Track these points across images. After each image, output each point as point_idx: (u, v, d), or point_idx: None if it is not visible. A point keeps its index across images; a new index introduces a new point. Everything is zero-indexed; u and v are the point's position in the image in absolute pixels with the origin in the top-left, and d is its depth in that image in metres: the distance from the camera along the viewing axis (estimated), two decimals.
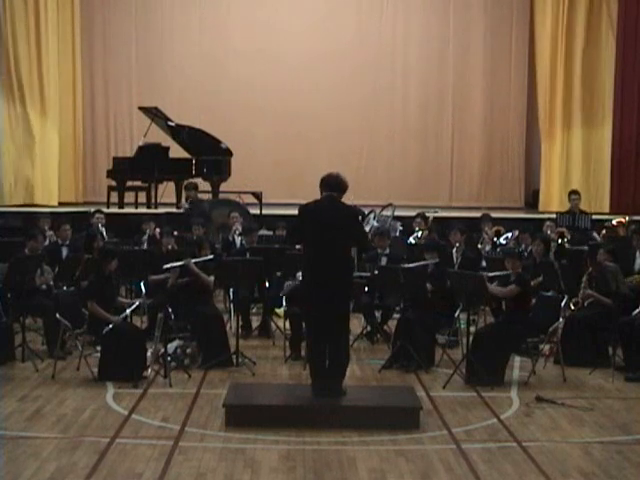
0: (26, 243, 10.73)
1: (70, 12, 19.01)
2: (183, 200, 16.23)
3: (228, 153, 17.21)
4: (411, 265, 10.24)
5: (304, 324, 9.09)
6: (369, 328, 11.16)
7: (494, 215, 14.90)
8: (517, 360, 9.88)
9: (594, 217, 14.91)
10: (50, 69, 18.38)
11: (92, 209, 14.65)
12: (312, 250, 8.10)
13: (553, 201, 18.54)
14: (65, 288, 10.63)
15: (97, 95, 19.83)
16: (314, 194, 8.32)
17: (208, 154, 17.07)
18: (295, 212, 8.35)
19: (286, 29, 19.71)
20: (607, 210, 17.91)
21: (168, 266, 9.92)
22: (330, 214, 8.05)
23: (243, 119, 19.32)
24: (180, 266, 10.15)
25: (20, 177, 18.14)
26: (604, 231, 14.15)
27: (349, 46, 19.76)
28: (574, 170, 18.69)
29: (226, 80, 19.66)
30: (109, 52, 19.81)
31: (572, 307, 10.05)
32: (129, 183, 17.33)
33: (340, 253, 8.01)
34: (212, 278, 10.34)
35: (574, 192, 15.28)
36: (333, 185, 8.13)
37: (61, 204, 18.17)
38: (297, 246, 9.29)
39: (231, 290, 11.25)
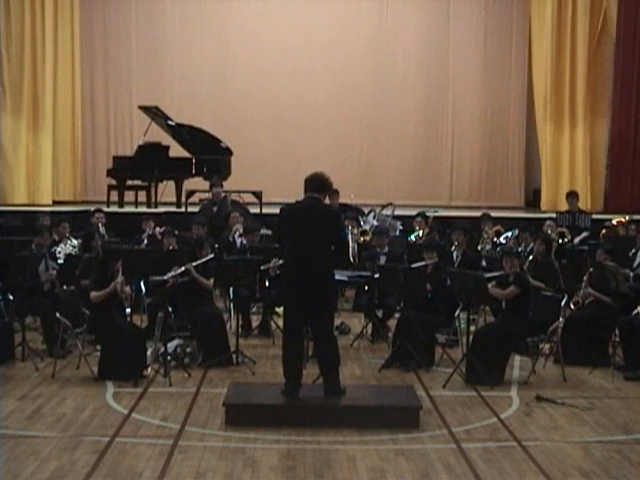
0: (33, 239, 10.73)
1: (70, 10, 18.99)
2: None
3: (228, 152, 17.20)
4: (411, 265, 10.24)
5: (283, 324, 8.72)
6: (370, 327, 11.13)
7: (494, 215, 14.86)
8: (517, 359, 9.89)
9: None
10: (49, 68, 18.39)
11: (92, 208, 14.66)
12: (292, 251, 8.05)
13: (552, 201, 18.53)
14: (65, 287, 10.63)
15: (97, 94, 19.84)
16: None
17: (208, 153, 17.06)
18: None
19: (288, 30, 19.70)
20: (603, 209, 17.90)
21: (170, 275, 9.91)
22: (310, 216, 8.00)
23: (243, 118, 19.35)
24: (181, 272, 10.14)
25: (17, 175, 18.16)
26: (604, 230, 14.15)
27: (349, 47, 19.76)
28: (572, 170, 18.68)
29: (226, 79, 19.69)
30: (109, 51, 19.82)
31: (572, 307, 10.05)
32: (129, 182, 17.31)
33: (320, 254, 7.92)
34: (212, 281, 10.32)
35: (571, 193, 15.21)
36: (315, 186, 8.07)
37: (61, 203, 18.18)
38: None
39: (231, 290, 11.24)
